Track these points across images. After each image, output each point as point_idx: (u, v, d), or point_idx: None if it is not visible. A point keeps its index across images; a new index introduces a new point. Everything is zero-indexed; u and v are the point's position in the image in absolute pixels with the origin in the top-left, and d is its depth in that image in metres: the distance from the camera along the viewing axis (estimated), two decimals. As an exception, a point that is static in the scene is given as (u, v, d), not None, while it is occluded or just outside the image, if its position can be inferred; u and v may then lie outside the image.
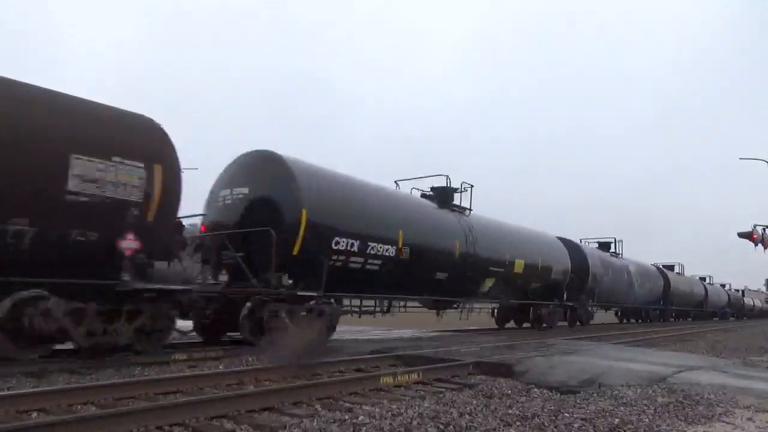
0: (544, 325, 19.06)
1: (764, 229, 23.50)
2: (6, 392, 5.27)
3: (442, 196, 15.30)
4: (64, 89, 7.88)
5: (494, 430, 4.58)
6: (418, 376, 6.91)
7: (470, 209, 15.83)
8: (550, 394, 6.28)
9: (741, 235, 23.65)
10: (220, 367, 7.67)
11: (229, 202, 10.83)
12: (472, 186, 15.88)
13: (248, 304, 9.66)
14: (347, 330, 14.59)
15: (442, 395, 5.99)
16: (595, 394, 6.24)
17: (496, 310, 20.02)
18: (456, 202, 15.59)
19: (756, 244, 23.37)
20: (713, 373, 8.26)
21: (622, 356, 9.78)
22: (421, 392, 6.24)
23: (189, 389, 5.96)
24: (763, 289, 55.85)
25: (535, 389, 6.49)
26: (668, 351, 12.59)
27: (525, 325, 20.37)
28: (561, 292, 19.95)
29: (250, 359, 8.41)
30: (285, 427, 4.44)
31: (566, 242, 21.26)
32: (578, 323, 21.80)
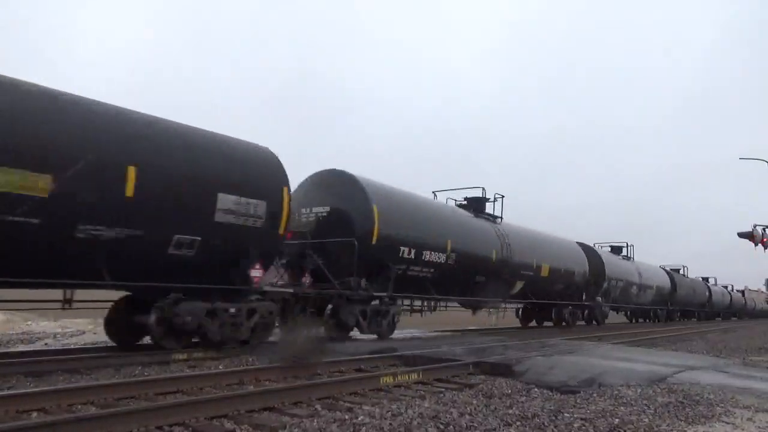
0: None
1: (764, 229, 23.49)
2: (6, 392, 5.27)
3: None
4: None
5: (494, 430, 4.58)
6: (418, 375, 6.90)
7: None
8: (550, 394, 6.28)
9: (741, 235, 23.63)
10: (220, 367, 7.66)
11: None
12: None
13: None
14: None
15: (442, 395, 5.99)
16: (595, 394, 6.24)
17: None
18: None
19: (756, 244, 23.36)
20: (713, 373, 8.26)
21: (622, 356, 9.78)
22: (421, 392, 6.24)
23: (189, 389, 5.96)
24: (763, 289, 55.76)
25: (535, 389, 6.49)
26: (668, 351, 12.60)
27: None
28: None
29: (250, 359, 8.41)
30: (285, 427, 4.44)
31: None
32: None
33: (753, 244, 23.33)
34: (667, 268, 34.71)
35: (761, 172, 23.47)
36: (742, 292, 55.54)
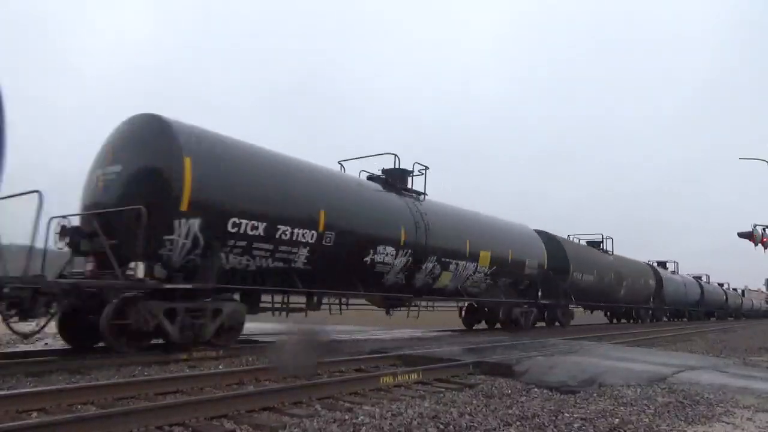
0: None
1: (764, 229, 23.49)
2: (6, 392, 5.27)
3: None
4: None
5: (494, 430, 4.58)
6: (418, 375, 6.90)
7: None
8: (550, 394, 6.28)
9: (741, 235, 23.64)
10: (220, 367, 7.67)
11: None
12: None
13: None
14: (347, 330, 14.58)
15: (442, 395, 5.99)
16: (595, 394, 6.24)
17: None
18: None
19: (756, 244, 23.37)
20: (713, 373, 8.26)
21: (622, 356, 9.78)
22: (421, 392, 6.23)
23: (189, 389, 5.96)
24: (763, 289, 55.78)
25: (535, 389, 6.49)
26: (668, 351, 12.60)
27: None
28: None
29: (250, 359, 8.41)
30: (285, 427, 4.44)
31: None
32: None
33: (753, 244, 23.35)
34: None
35: (761, 171, 23.46)
36: (742, 291, 55.49)
